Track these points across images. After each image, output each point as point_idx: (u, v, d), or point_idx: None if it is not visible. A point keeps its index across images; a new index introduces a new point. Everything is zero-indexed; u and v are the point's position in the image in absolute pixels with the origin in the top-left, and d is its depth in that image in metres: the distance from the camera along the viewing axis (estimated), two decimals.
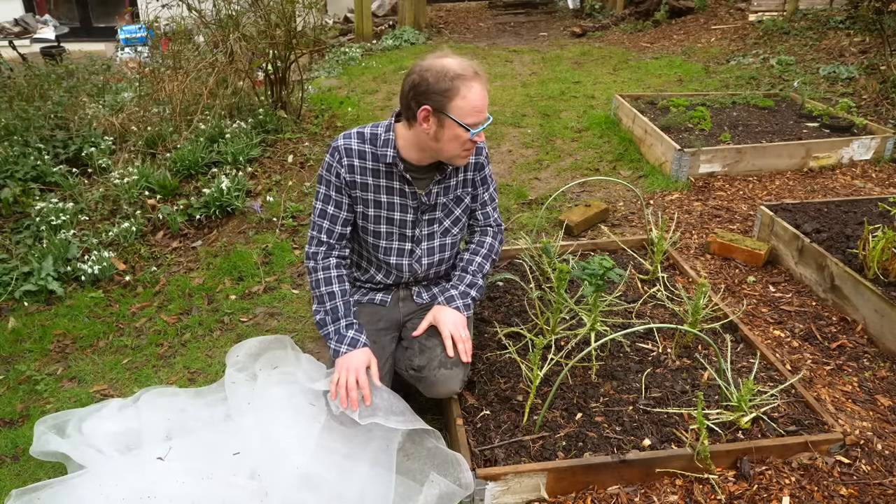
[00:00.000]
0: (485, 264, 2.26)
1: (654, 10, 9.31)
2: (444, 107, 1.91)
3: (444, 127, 1.94)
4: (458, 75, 1.90)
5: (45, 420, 2.22)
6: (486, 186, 2.31)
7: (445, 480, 1.84)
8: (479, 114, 1.94)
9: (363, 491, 1.90)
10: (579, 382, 2.21)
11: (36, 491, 1.95)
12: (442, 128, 1.94)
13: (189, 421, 2.20)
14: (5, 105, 4.85)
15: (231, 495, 1.90)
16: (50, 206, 3.64)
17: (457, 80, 1.90)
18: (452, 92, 1.89)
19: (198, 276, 3.33)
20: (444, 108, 1.91)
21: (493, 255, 2.31)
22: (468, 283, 2.20)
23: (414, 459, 1.96)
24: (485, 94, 1.95)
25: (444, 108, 1.91)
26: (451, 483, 1.83)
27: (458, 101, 1.90)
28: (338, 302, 2.11)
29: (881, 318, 2.49)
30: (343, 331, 2.08)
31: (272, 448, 2.01)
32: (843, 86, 5.57)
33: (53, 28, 8.80)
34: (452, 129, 1.94)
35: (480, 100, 1.93)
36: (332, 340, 2.08)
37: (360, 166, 2.09)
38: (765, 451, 1.92)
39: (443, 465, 1.89)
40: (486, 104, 1.97)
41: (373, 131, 2.10)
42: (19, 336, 2.91)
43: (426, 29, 10.04)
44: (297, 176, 4.35)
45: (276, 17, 4.82)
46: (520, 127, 5.36)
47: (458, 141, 1.96)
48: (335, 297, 2.12)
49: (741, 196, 3.87)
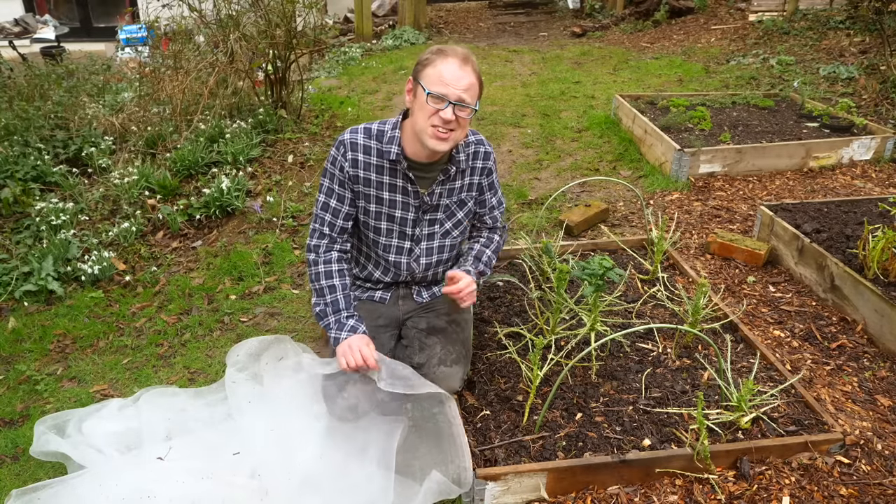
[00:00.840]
0: (492, 260, 2.33)
1: (654, 10, 9.30)
2: (419, 74, 1.98)
3: (417, 96, 1.99)
4: (440, 50, 1.97)
5: (45, 420, 2.22)
6: (493, 191, 2.33)
7: (444, 479, 1.84)
8: (444, 86, 1.93)
9: (363, 490, 1.90)
10: (579, 382, 2.21)
11: (36, 491, 1.95)
12: (415, 98, 2.00)
13: (189, 421, 2.20)
14: (5, 105, 4.85)
15: (231, 494, 1.90)
16: (50, 206, 3.64)
17: (436, 54, 1.96)
18: (428, 62, 1.96)
19: (198, 276, 3.33)
20: (418, 75, 1.98)
21: (499, 250, 2.38)
22: (480, 272, 2.26)
23: (413, 457, 1.96)
24: (460, 74, 1.94)
25: (419, 76, 1.98)
26: (449, 482, 1.84)
27: (429, 69, 1.95)
28: (338, 295, 2.13)
29: (881, 318, 2.49)
30: (344, 320, 2.10)
31: (273, 448, 2.01)
32: (843, 86, 5.57)
33: (53, 28, 8.80)
34: (420, 96, 1.96)
35: (450, 73, 1.93)
36: (333, 329, 2.10)
37: (364, 161, 2.10)
38: (765, 451, 1.92)
39: (442, 462, 1.90)
40: (461, 84, 1.93)
41: (380, 128, 2.12)
42: (19, 336, 2.91)
43: (426, 29, 10.04)
44: (297, 176, 4.35)
45: (277, 17, 4.83)
46: (520, 127, 5.36)
47: (424, 112, 1.96)
48: (335, 291, 2.13)
49: (741, 196, 3.87)
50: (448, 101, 1.93)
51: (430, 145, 1.99)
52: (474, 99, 1.99)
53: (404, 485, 1.90)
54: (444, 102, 1.93)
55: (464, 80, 1.94)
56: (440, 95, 1.92)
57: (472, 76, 1.96)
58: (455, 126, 1.97)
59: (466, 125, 2.02)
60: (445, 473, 1.86)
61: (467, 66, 1.95)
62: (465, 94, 1.94)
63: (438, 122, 1.95)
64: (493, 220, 2.36)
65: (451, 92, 1.93)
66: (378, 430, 2.02)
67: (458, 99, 1.94)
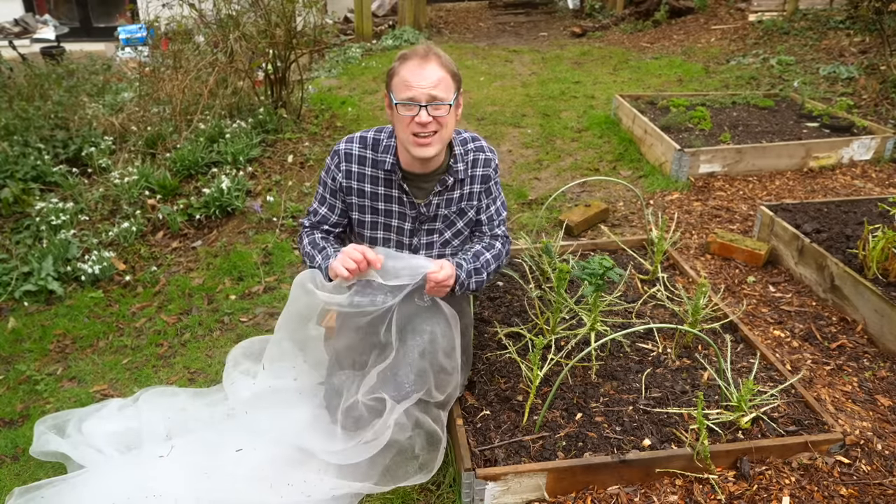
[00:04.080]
0: (492, 264, 2.14)
1: (654, 10, 9.30)
2: (389, 87, 1.93)
3: (393, 109, 1.93)
4: (401, 56, 1.91)
5: (45, 420, 2.23)
6: (492, 198, 2.21)
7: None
8: (410, 89, 1.85)
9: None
10: (579, 382, 2.21)
11: (39, 489, 1.96)
12: (392, 111, 1.94)
13: (189, 420, 2.21)
14: (5, 105, 4.85)
15: (234, 490, 1.91)
16: (50, 206, 3.64)
17: (398, 61, 1.91)
18: (393, 71, 1.92)
19: (198, 276, 3.33)
20: (389, 88, 1.93)
21: (500, 261, 2.19)
22: (475, 269, 2.08)
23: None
24: (422, 72, 1.86)
25: (389, 89, 1.93)
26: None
27: (395, 78, 1.91)
28: (323, 245, 2.09)
29: (881, 318, 2.49)
30: (331, 253, 2.02)
31: (273, 445, 2.02)
32: (843, 86, 5.57)
33: (53, 28, 8.79)
34: (394, 109, 1.92)
35: (412, 74, 1.86)
36: (322, 260, 2.02)
37: (358, 172, 2.07)
38: (765, 451, 1.92)
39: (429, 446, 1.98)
40: (426, 82, 1.85)
41: (375, 136, 2.07)
42: (19, 336, 2.91)
43: (426, 29, 10.04)
44: (297, 176, 4.35)
45: (276, 17, 4.82)
46: (520, 127, 5.36)
47: (401, 123, 1.91)
48: (317, 245, 2.09)
49: (741, 196, 3.87)
50: (419, 104, 1.85)
51: (416, 153, 1.92)
52: (449, 92, 1.89)
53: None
54: (416, 107, 1.85)
55: (429, 77, 1.85)
56: (409, 100, 1.85)
57: (439, 70, 1.87)
58: (436, 126, 1.88)
59: (450, 122, 1.93)
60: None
61: (429, 61, 1.87)
62: (436, 90, 1.85)
63: (417, 129, 1.87)
64: (491, 228, 2.22)
65: (419, 93, 1.85)
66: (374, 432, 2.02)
67: (429, 98, 1.85)
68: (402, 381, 1.96)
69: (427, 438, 1.97)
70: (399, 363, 1.98)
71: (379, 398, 1.95)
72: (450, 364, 2.00)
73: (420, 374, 1.97)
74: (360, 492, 1.91)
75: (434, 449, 1.96)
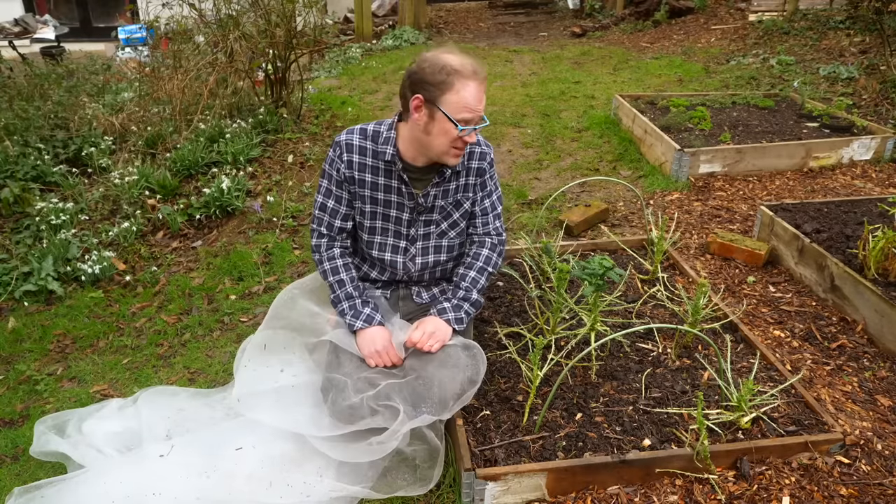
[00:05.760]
0: (479, 279, 2.20)
1: (654, 10, 9.30)
2: (437, 99, 1.92)
3: (435, 120, 1.94)
4: (454, 70, 1.90)
5: (45, 420, 2.22)
6: (486, 192, 2.25)
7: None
8: (471, 112, 1.93)
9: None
10: (579, 382, 2.21)
11: (39, 489, 1.96)
12: (432, 120, 1.95)
13: (189, 420, 2.21)
14: (5, 105, 4.85)
15: (235, 488, 1.91)
16: (50, 206, 3.64)
17: (453, 76, 1.90)
18: (446, 86, 1.90)
19: (198, 276, 3.33)
20: (436, 100, 1.92)
21: (489, 269, 2.23)
22: (461, 297, 2.17)
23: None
24: (480, 95, 1.94)
25: (437, 101, 1.92)
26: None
27: (450, 95, 1.90)
28: (348, 288, 2.17)
29: (881, 318, 2.49)
30: (360, 307, 2.14)
31: (274, 443, 2.02)
32: (843, 86, 5.57)
33: (53, 28, 8.80)
34: (442, 122, 1.93)
35: (474, 98, 1.92)
36: (348, 315, 2.13)
37: (359, 162, 2.11)
38: (765, 451, 1.92)
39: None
40: (482, 105, 1.95)
41: (375, 129, 2.12)
42: (19, 336, 2.91)
43: (426, 29, 10.04)
44: (297, 176, 4.35)
45: (276, 17, 4.83)
46: (520, 127, 5.36)
47: (446, 136, 1.95)
48: (345, 285, 2.17)
49: (741, 196, 3.87)
50: (474, 126, 1.96)
51: (451, 163, 2.05)
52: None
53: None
54: (471, 126, 1.95)
55: (483, 100, 1.96)
56: (466, 122, 1.94)
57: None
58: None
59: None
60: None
61: (483, 83, 1.95)
62: (483, 109, 1.98)
63: (462, 145, 1.98)
64: (484, 223, 2.26)
65: (476, 116, 1.96)
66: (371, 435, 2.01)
67: (480, 118, 1.98)
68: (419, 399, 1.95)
69: (429, 453, 1.97)
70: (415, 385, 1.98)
71: (390, 406, 1.93)
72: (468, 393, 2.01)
73: (440, 402, 1.95)
74: (357, 496, 1.91)
75: (433, 465, 1.96)
